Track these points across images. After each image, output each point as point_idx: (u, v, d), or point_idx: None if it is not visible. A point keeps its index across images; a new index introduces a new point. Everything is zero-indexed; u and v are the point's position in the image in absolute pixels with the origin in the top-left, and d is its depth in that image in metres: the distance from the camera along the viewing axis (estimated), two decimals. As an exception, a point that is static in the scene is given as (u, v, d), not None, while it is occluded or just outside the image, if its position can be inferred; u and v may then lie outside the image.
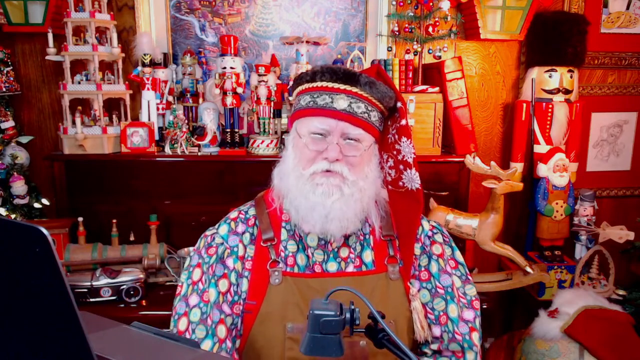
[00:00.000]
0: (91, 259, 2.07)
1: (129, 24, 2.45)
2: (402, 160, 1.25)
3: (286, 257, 1.21)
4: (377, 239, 1.25)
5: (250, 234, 1.24)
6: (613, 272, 2.52)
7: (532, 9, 2.45)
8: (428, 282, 1.26)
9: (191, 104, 2.41)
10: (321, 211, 1.14)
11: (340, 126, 1.14)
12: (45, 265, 0.52)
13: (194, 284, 1.19)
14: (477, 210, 2.26)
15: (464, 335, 1.22)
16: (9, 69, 2.36)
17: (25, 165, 2.38)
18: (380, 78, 1.23)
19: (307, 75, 1.19)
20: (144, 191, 2.25)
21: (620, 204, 2.89)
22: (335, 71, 1.15)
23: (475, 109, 2.65)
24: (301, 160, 1.18)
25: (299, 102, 1.21)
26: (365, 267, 1.22)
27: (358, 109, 1.15)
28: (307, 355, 0.91)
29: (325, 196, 1.14)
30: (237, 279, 1.20)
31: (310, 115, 1.17)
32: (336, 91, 1.15)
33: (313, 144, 1.16)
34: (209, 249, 1.22)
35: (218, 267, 1.20)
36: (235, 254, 1.21)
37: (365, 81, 1.15)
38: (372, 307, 0.91)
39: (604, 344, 2.01)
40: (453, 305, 1.24)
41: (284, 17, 2.55)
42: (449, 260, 1.28)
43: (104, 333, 0.72)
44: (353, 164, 1.16)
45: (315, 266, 1.21)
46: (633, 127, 2.83)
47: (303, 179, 1.16)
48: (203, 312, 1.16)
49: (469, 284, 1.28)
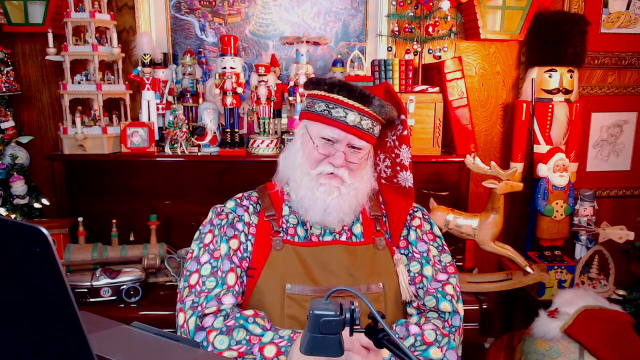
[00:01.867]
0: (91, 259, 2.07)
1: (129, 24, 2.45)
2: (400, 163, 1.47)
3: (287, 228, 1.39)
4: (366, 216, 1.43)
5: (254, 207, 1.42)
6: (613, 272, 2.52)
7: (532, 9, 2.45)
8: (406, 249, 1.44)
9: (191, 104, 2.41)
10: (321, 205, 1.33)
11: (348, 137, 1.33)
12: (45, 265, 0.52)
13: (205, 246, 1.34)
14: (477, 210, 2.26)
15: (437, 289, 1.37)
16: (9, 69, 2.36)
17: (25, 165, 2.38)
18: (388, 95, 1.42)
19: (325, 85, 1.33)
20: (144, 191, 2.25)
21: (620, 204, 2.89)
22: (353, 90, 1.31)
23: (475, 109, 2.65)
24: (309, 159, 1.36)
25: (314, 105, 1.36)
26: (355, 238, 1.40)
27: (366, 125, 1.33)
28: (307, 355, 0.91)
29: (326, 194, 1.33)
30: (245, 239, 1.36)
31: (324, 123, 1.33)
32: (350, 107, 1.31)
33: (322, 148, 1.34)
34: (219, 215, 1.39)
35: (229, 229, 1.36)
36: (242, 220, 1.38)
37: (377, 104, 1.32)
38: (372, 307, 0.91)
39: (604, 344, 2.01)
40: (428, 266, 1.40)
41: (284, 17, 2.55)
42: (427, 233, 1.46)
43: (104, 333, 0.72)
44: (353, 169, 1.36)
45: (313, 237, 1.39)
46: (633, 127, 2.83)
47: (309, 176, 1.35)
48: (214, 267, 1.30)
49: (444, 253, 1.45)
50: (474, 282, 2.17)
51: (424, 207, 1.56)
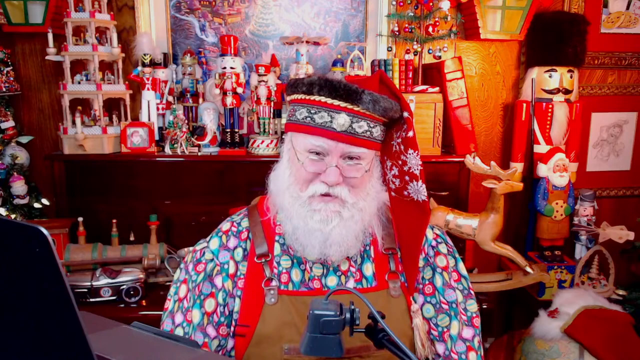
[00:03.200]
0: (91, 259, 2.07)
1: (129, 24, 2.45)
2: (408, 172, 1.18)
3: (280, 273, 1.13)
4: (378, 251, 1.18)
5: (243, 249, 1.17)
6: (613, 272, 2.52)
7: (532, 9, 2.45)
8: (432, 297, 1.19)
9: (191, 104, 2.41)
10: (319, 237, 1.08)
11: (340, 147, 1.05)
12: (45, 265, 0.52)
13: (179, 300, 1.15)
14: (477, 210, 2.26)
15: (460, 354, 1.16)
16: (9, 69, 2.36)
17: (25, 165, 2.38)
18: (384, 85, 1.15)
19: (303, 85, 1.07)
20: (144, 191, 2.25)
21: (620, 204, 2.89)
22: (336, 87, 1.04)
23: (475, 109, 2.65)
24: (297, 180, 1.09)
25: (295, 113, 1.10)
26: (365, 282, 1.15)
27: (360, 128, 1.05)
28: (307, 355, 0.91)
29: (323, 223, 1.07)
30: (225, 298, 1.13)
31: (307, 133, 1.07)
32: (336, 108, 1.04)
33: (311, 166, 1.07)
34: (197, 265, 1.16)
35: (205, 286, 1.13)
36: (225, 271, 1.14)
37: (369, 99, 1.04)
38: (372, 307, 0.91)
39: (604, 344, 2.01)
40: (455, 322, 1.17)
41: (284, 17, 2.55)
42: (452, 272, 1.21)
43: (104, 333, 0.72)
44: (354, 185, 1.08)
45: (314, 281, 1.14)
46: (633, 127, 2.83)
47: (300, 201, 1.09)
48: (185, 333, 1.11)
49: (470, 299, 1.21)
50: (474, 282, 2.17)
51: None
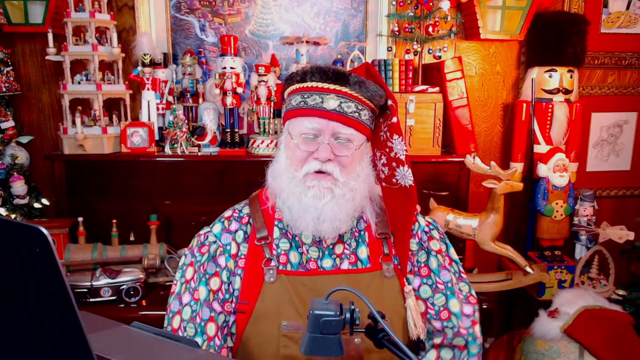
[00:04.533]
0: (91, 259, 2.07)
1: (129, 24, 2.45)
2: (395, 158, 1.26)
3: (278, 255, 1.22)
4: (372, 236, 1.26)
5: (244, 232, 1.25)
6: (613, 272, 2.52)
7: (532, 9, 2.45)
8: (428, 278, 1.27)
9: (191, 104, 2.41)
10: (313, 213, 1.16)
11: (331, 126, 1.16)
12: (45, 265, 0.52)
13: (186, 282, 1.22)
14: (477, 210, 2.26)
15: (468, 329, 1.25)
16: (9, 69, 2.36)
17: (25, 165, 2.38)
18: (370, 76, 1.24)
19: (297, 75, 1.20)
20: (144, 191, 2.25)
21: (620, 204, 2.89)
22: (325, 71, 1.16)
23: (475, 109, 2.65)
24: (293, 161, 1.19)
25: (290, 102, 1.22)
26: (360, 264, 1.23)
27: (348, 108, 1.16)
28: (307, 355, 0.91)
29: (316, 199, 1.15)
30: (229, 277, 1.21)
31: (300, 116, 1.18)
32: (326, 91, 1.16)
33: (304, 145, 1.17)
34: (201, 247, 1.24)
35: (210, 265, 1.21)
36: (227, 252, 1.22)
37: (355, 80, 1.16)
38: (372, 307, 0.91)
39: (604, 344, 2.01)
40: (454, 300, 1.26)
41: (284, 17, 2.55)
42: (445, 256, 1.30)
43: (104, 333, 0.72)
44: (344, 164, 1.17)
45: (310, 263, 1.22)
46: (633, 127, 2.83)
47: (295, 180, 1.18)
48: (193, 310, 1.18)
49: (462, 282, 1.30)
50: (474, 282, 2.17)
51: (424, 207, 1.48)
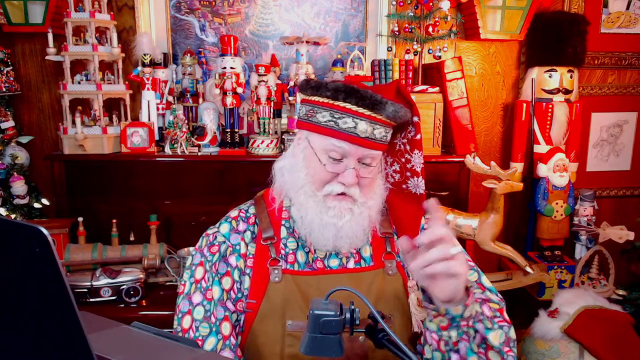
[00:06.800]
0: (91, 259, 2.07)
1: (129, 24, 2.45)
2: (411, 169, 1.29)
3: (286, 254, 1.23)
4: (376, 234, 1.27)
5: (251, 232, 1.26)
6: (613, 272, 2.52)
7: (532, 9, 2.45)
8: None
9: (191, 104, 2.41)
10: (332, 230, 1.17)
11: (360, 151, 1.14)
12: (45, 265, 0.52)
13: (197, 282, 1.21)
14: (477, 210, 2.26)
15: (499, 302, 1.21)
16: (9, 69, 2.36)
17: (25, 165, 2.38)
18: (400, 96, 1.25)
19: (327, 90, 1.14)
20: (144, 191, 2.25)
21: (620, 204, 2.89)
22: (363, 97, 1.12)
23: (475, 109, 2.65)
24: (315, 179, 1.18)
25: (315, 114, 1.16)
26: (364, 262, 1.25)
27: (379, 134, 1.15)
28: (307, 355, 0.91)
29: (336, 218, 1.16)
30: (239, 276, 1.22)
31: (329, 136, 1.14)
32: (360, 115, 1.13)
33: (331, 166, 1.15)
34: (211, 247, 1.24)
35: (221, 265, 1.21)
36: (237, 251, 1.23)
37: (392, 109, 1.14)
38: (372, 307, 0.91)
39: (604, 344, 2.01)
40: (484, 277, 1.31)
41: (284, 17, 2.55)
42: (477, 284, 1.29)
43: (104, 333, 0.72)
44: (365, 185, 1.18)
45: (317, 262, 1.23)
46: (633, 127, 2.83)
47: (315, 198, 1.18)
48: (207, 310, 1.17)
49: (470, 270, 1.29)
50: (474, 282, 2.17)
51: None
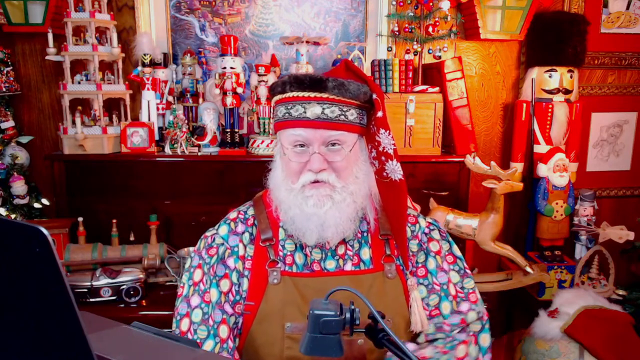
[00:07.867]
0: (91, 259, 2.07)
1: (129, 24, 2.45)
2: (384, 152, 1.23)
3: (284, 256, 1.22)
4: (375, 237, 1.26)
5: (250, 233, 1.25)
6: (613, 272, 2.52)
7: (532, 9, 2.45)
8: (425, 279, 1.27)
9: (191, 104, 2.41)
10: (316, 221, 1.16)
11: (318, 134, 1.15)
12: (45, 265, 0.52)
13: (195, 284, 1.20)
14: (477, 210, 2.26)
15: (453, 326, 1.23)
16: (9, 69, 2.36)
17: (25, 165, 2.38)
18: (351, 73, 1.23)
19: (278, 86, 1.19)
20: (144, 191, 2.25)
21: (620, 204, 2.89)
22: (302, 80, 1.15)
23: (475, 109, 2.65)
24: (288, 174, 1.19)
25: (277, 113, 1.22)
26: (363, 265, 1.23)
27: (332, 113, 1.15)
28: (307, 355, 0.91)
29: (317, 207, 1.16)
30: (238, 278, 1.21)
31: (287, 127, 1.18)
32: (307, 99, 1.15)
33: (295, 157, 1.17)
34: (209, 249, 1.23)
35: (219, 268, 1.21)
36: (235, 253, 1.22)
37: (333, 85, 1.14)
38: (372, 307, 0.91)
39: (604, 344, 2.01)
40: (446, 302, 1.25)
41: (284, 17, 2.55)
42: (446, 255, 1.29)
43: (104, 333, 0.72)
44: (339, 169, 1.17)
45: (314, 265, 1.22)
46: (633, 127, 2.83)
47: (294, 192, 1.18)
48: (204, 313, 1.17)
49: (467, 277, 1.29)
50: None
51: (424, 207, 1.47)
